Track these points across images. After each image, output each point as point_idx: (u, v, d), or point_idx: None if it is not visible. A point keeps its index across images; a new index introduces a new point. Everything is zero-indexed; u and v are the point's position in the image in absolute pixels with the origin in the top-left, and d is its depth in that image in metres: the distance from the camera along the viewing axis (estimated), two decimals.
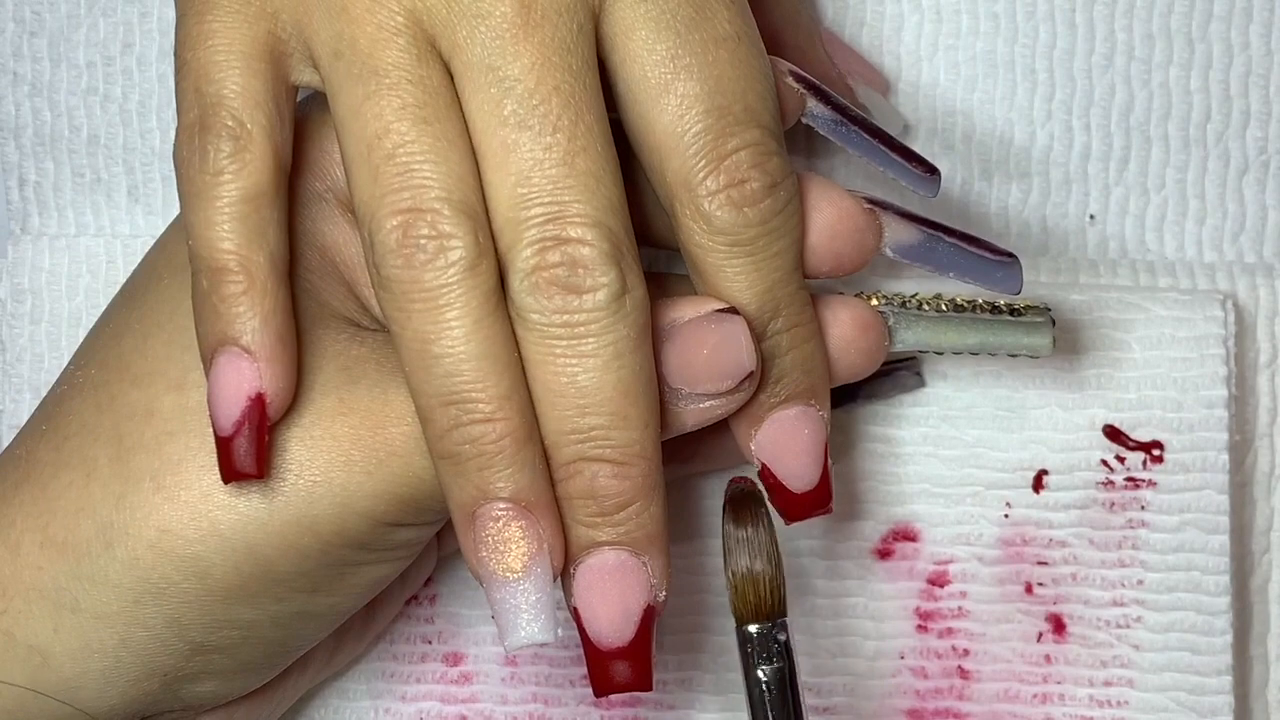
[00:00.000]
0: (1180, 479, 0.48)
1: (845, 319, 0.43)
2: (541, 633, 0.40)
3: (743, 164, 0.41)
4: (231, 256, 0.41)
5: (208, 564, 0.42)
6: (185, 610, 0.42)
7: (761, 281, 0.41)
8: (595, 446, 0.40)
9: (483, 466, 0.40)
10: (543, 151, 0.40)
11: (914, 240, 0.43)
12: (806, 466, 0.43)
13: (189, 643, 0.43)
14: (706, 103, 0.40)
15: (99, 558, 0.42)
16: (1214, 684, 0.48)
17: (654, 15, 0.41)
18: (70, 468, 0.43)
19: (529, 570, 0.40)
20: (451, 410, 0.40)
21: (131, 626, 0.42)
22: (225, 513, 0.41)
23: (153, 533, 0.42)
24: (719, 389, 0.41)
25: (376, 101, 0.40)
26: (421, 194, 0.40)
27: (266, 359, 0.41)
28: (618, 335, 0.40)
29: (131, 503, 0.42)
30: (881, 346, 0.44)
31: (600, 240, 0.40)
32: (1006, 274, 0.44)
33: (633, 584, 0.41)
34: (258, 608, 0.42)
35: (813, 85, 0.44)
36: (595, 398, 0.40)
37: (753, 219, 0.41)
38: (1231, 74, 0.50)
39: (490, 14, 0.40)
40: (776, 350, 0.42)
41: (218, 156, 0.41)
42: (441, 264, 0.39)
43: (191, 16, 0.42)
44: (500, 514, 0.40)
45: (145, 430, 0.42)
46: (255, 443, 0.41)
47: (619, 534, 0.41)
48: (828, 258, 0.42)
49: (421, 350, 0.40)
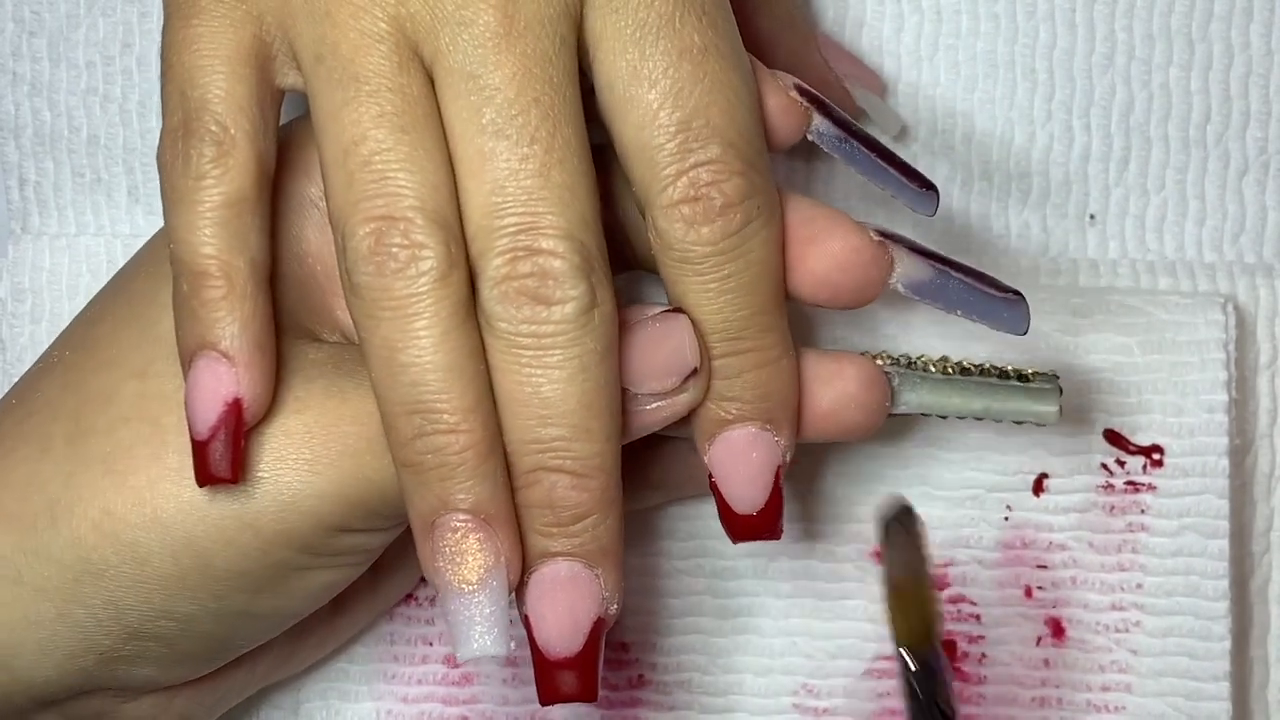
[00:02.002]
0: (1180, 483, 0.49)
1: (850, 374, 0.43)
2: (494, 645, 0.40)
3: (699, 181, 0.41)
4: (212, 261, 0.41)
5: (146, 550, 0.42)
6: (124, 594, 0.42)
7: (712, 301, 0.41)
8: (555, 457, 0.40)
9: (444, 477, 0.40)
10: (519, 162, 0.40)
11: (925, 277, 0.43)
12: (751, 490, 0.43)
13: (126, 627, 0.43)
14: (666, 116, 0.41)
15: (44, 532, 0.42)
16: (1211, 689, 0.48)
17: (621, 26, 0.41)
18: (28, 442, 0.43)
19: (484, 583, 0.40)
20: (416, 419, 0.40)
21: (70, 603, 0.42)
22: (167, 501, 0.42)
23: (96, 513, 0.42)
24: (664, 387, 0.41)
25: (355, 108, 0.40)
26: (395, 202, 0.40)
27: (245, 364, 0.41)
28: (584, 349, 0.40)
29: (80, 482, 0.42)
30: (883, 406, 0.44)
31: (571, 253, 0.40)
32: (1013, 313, 0.44)
33: (584, 595, 0.41)
34: (196, 602, 0.43)
35: (817, 100, 0.43)
36: (558, 409, 0.40)
37: (704, 237, 0.41)
38: (1232, 74, 0.50)
39: (473, 22, 0.40)
40: (728, 370, 0.42)
41: (200, 161, 0.41)
42: (412, 273, 0.39)
43: (177, 20, 0.42)
44: (459, 525, 0.40)
45: (103, 414, 0.43)
46: (231, 447, 0.41)
47: (574, 545, 0.41)
48: (825, 289, 0.42)
49: (389, 358, 0.40)
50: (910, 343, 0.49)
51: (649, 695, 0.50)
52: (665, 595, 0.50)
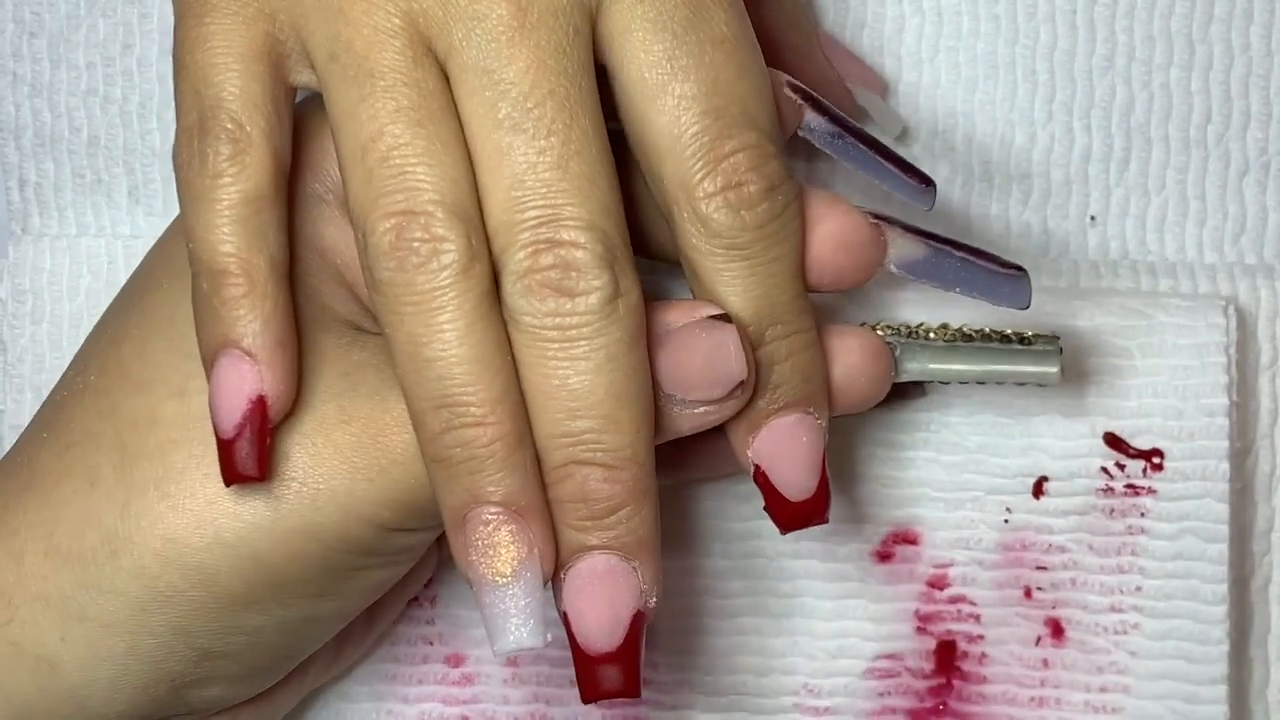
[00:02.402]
0: (1180, 487, 0.49)
1: (854, 346, 0.43)
2: (530, 637, 0.40)
3: (740, 166, 0.40)
4: (232, 259, 0.41)
5: (213, 571, 0.42)
6: (192, 618, 0.42)
7: (758, 286, 0.41)
8: (586, 450, 0.40)
9: (474, 470, 0.40)
10: (536, 155, 0.40)
11: (920, 255, 0.43)
12: (803, 474, 0.42)
13: (196, 649, 0.43)
14: (703, 104, 0.40)
15: (104, 566, 0.42)
16: (1209, 693, 0.48)
17: (650, 16, 0.41)
18: (73, 475, 0.43)
19: (518, 575, 0.40)
20: (443, 413, 0.40)
21: (139, 634, 0.42)
22: (230, 520, 0.42)
23: (158, 541, 0.42)
24: (711, 396, 0.41)
25: (371, 104, 0.40)
26: (415, 197, 0.40)
27: (267, 361, 0.41)
28: (610, 339, 0.40)
29: (136, 511, 0.42)
30: (888, 375, 0.44)
31: (594, 243, 0.40)
32: (1015, 288, 0.43)
33: (622, 589, 0.41)
34: (264, 613, 0.43)
35: (810, 97, 0.43)
36: (586, 401, 0.40)
37: (749, 222, 0.41)
38: (1232, 75, 0.50)
39: (486, 16, 0.40)
40: (774, 357, 0.42)
41: (217, 159, 0.41)
42: (434, 267, 0.39)
43: (189, 19, 0.42)
44: (490, 518, 0.40)
45: (148, 438, 0.42)
46: (257, 445, 0.41)
47: (609, 538, 0.41)
48: (829, 270, 0.42)
49: (414, 353, 0.40)
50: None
51: (650, 695, 0.50)
52: (665, 596, 0.50)
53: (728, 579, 0.50)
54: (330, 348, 0.42)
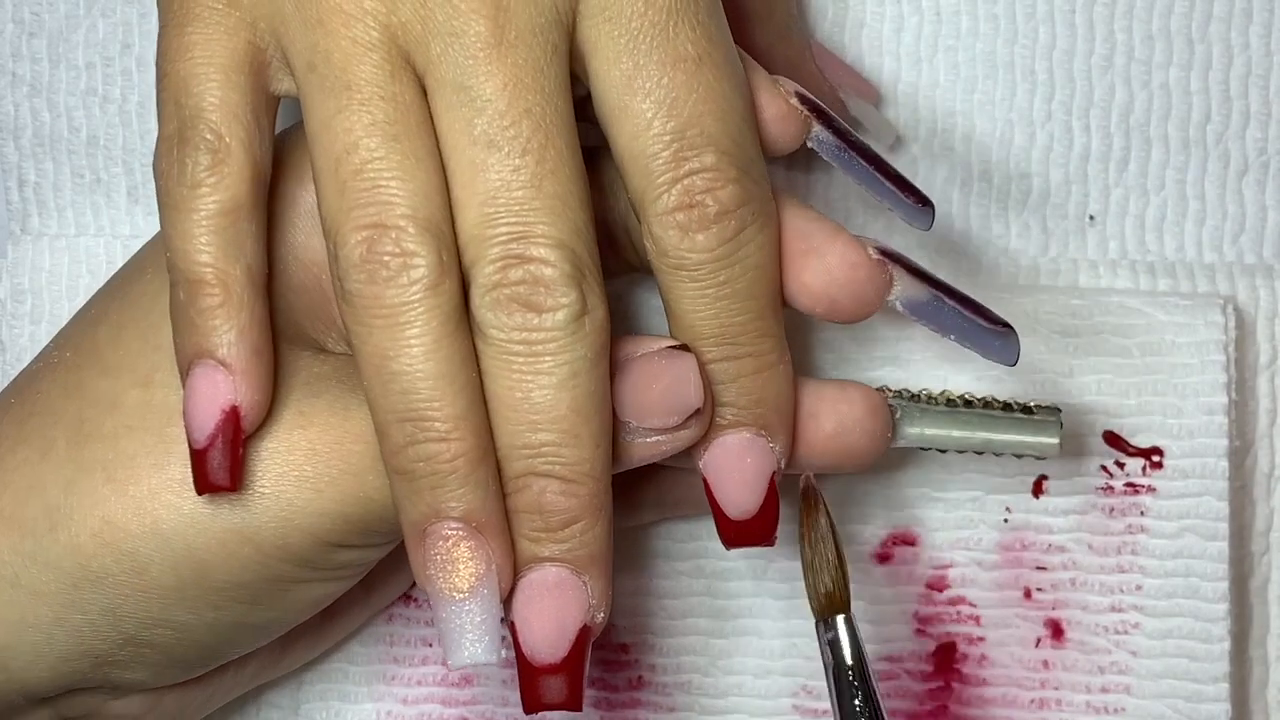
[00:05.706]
0: (1180, 485, 0.49)
1: (855, 397, 0.44)
2: (485, 653, 0.41)
3: (694, 188, 0.41)
4: (208, 269, 0.41)
5: (145, 560, 0.42)
6: (121, 602, 0.42)
7: (708, 307, 0.42)
8: (545, 462, 0.40)
9: (435, 485, 0.40)
10: (511, 173, 0.40)
11: (922, 298, 0.43)
12: (744, 494, 0.43)
13: (123, 634, 0.43)
14: (660, 125, 0.41)
15: (42, 538, 0.42)
16: (1210, 691, 0.48)
17: (614, 35, 0.41)
18: (28, 444, 0.43)
19: (475, 591, 0.41)
20: (407, 427, 0.40)
21: (68, 609, 0.43)
22: (169, 513, 0.42)
23: (96, 522, 0.42)
24: (666, 424, 0.42)
25: (347, 116, 0.40)
26: (387, 210, 0.40)
27: (241, 372, 0.41)
28: (575, 355, 0.40)
29: (80, 489, 0.42)
30: (885, 434, 0.44)
31: (563, 261, 0.40)
32: (1003, 344, 0.44)
33: (570, 602, 0.41)
34: (194, 612, 0.43)
35: (817, 108, 0.43)
36: (548, 414, 0.40)
37: (700, 244, 0.41)
38: (1231, 75, 0.50)
39: (464, 32, 0.40)
40: (719, 376, 0.42)
41: (195, 169, 0.41)
42: (404, 281, 0.40)
43: (172, 28, 0.42)
44: (450, 533, 0.40)
45: (106, 421, 0.43)
46: (229, 455, 0.41)
47: (561, 551, 0.41)
48: (822, 301, 0.43)
49: (380, 366, 0.40)
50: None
51: (649, 696, 0.50)
52: (664, 597, 0.50)
53: (726, 580, 0.50)
54: (294, 357, 0.43)
